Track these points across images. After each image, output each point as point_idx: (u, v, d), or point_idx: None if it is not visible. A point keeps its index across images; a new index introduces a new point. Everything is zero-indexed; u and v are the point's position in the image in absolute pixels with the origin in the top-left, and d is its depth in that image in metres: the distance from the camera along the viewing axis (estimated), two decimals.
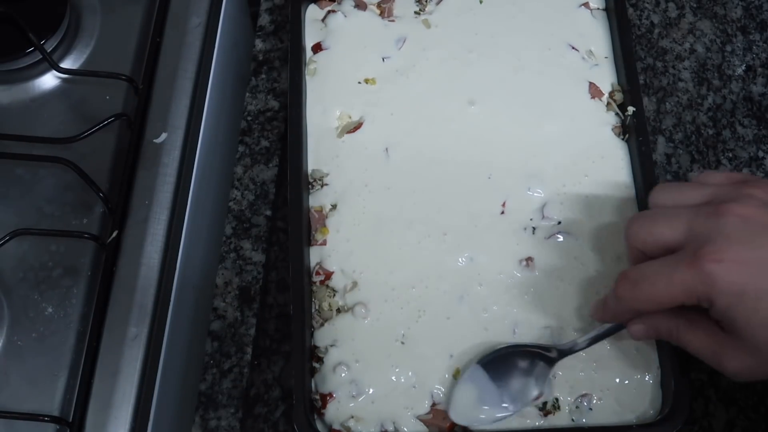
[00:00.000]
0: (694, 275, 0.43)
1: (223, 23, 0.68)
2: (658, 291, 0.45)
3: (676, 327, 0.47)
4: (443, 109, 0.61)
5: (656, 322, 0.48)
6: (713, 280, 0.43)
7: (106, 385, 0.53)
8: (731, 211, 0.44)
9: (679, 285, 0.44)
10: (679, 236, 0.45)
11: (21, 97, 0.63)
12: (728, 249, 0.43)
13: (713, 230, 0.44)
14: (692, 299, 0.44)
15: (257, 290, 0.61)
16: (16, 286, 0.57)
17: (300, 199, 0.57)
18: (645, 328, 0.49)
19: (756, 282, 0.42)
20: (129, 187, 0.58)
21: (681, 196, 0.48)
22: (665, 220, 0.47)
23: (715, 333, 0.45)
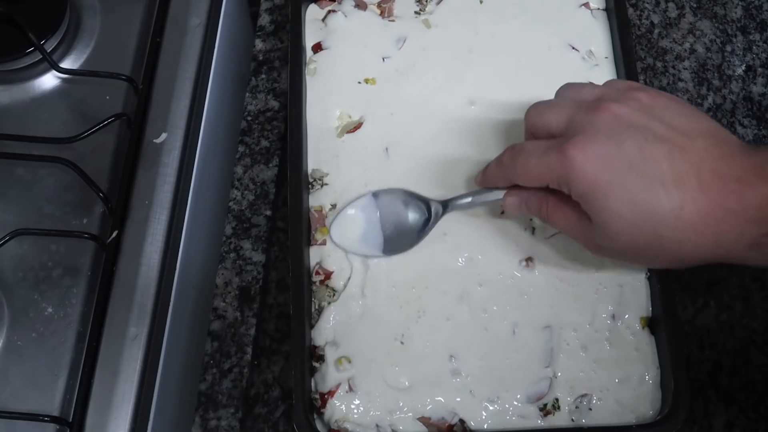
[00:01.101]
0: (558, 159, 0.47)
1: (223, 23, 0.68)
2: (530, 166, 0.49)
3: (546, 204, 0.51)
4: (443, 109, 0.61)
5: (529, 196, 0.52)
6: (572, 168, 0.46)
7: (106, 385, 0.53)
8: (607, 108, 0.48)
9: (546, 165, 0.48)
10: (561, 125, 0.49)
11: (21, 97, 0.63)
12: (592, 141, 0.46)
13: (587, 123, 0.48)
14: (554, 182, 0.48)
15: (257, 290, 0.61)
16: (16, 286, 0.57)
17: (300, 199, 0.57)
18: (518, 201, 0.53)
19: (608, 175, 0.46)
20: (129, 187, 0.58)
21: (578, 93, 0.52)
22: (555, 110, 0.51)
23: (577, 214, 0.49)
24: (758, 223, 0.44)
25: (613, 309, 0.55)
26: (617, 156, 0.46)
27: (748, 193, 0.44)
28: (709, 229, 0.45)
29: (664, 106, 0.48)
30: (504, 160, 0.52)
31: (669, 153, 0.45)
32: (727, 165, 0.45)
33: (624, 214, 0.46)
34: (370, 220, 0.56)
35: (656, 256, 0.49)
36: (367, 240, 0.56)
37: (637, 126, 0.47)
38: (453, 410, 0.53)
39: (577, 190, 0.47)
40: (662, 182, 0.45)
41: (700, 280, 0.61)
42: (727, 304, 0.61)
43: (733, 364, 0.59)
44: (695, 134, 0.46)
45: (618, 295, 0.56)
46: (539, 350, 0.54)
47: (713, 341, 0.60)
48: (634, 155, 0.46)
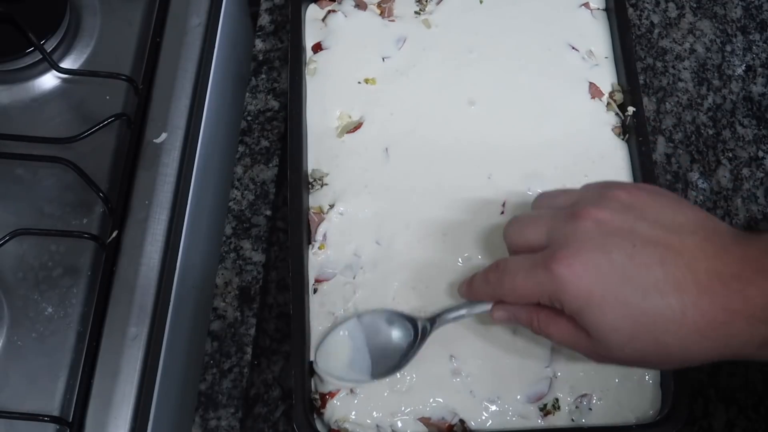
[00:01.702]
0: (547, 277, 0.44)
1: (223, 23, 0.68)
2: (517, 286, 0.47)
3: (537, 318, 0.48)
4: (443, 109, 0.61)
5: (518, 311, 0.49)
6: (563, 285, 0.44)
7: (106, 385, 0.53)
8: (587, 215, 0.45)
9: (534, 284, 0.46)
10: (542, 239, 0.47)
11: (21, 97, 0.63)
12: (579, 254, 0.44)
13: (569, 234, 0.45)
14: (545, 299, 0.46)
15: (257, 290, 0.61)
16: (16, 286, 0.57)
17: (300, 199, 0.57)
18: (507, 315, 0.50)
19: (602, 288, 0.43)
20: (129, 187, 0.58)
21: (553, 200, 0.50)
22: (532, 225, 0.48)
23: (572, 327, 0.46)
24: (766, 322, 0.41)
25: None
26: (607, 268, 0.43)
27: (750, 292, 0.41)
28: (715, 332, 0.42)
29: (646, 203, 0.45)
30: (490, 279, 0.49)
31: (661, 258, 0.43)
32: (723, 262, 0.42)
33: (623, 328, 0.43)
34: (357, 344, 0.54)
35: (663, 362, 0.46)
36: (355, 365, 0.53)
37: (622, 231, 0.44)
38: (453, 410, 0.53)
39: (570, 307, 0.44)
40: (659, 290, 0.42)
41: None
42: None
43: (733, 364, 0.59)
44: (684, 231, 0.44)
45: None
46: (539, 350, 0.54)
47: None
48: (624, 265, 0.43)
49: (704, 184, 0.65)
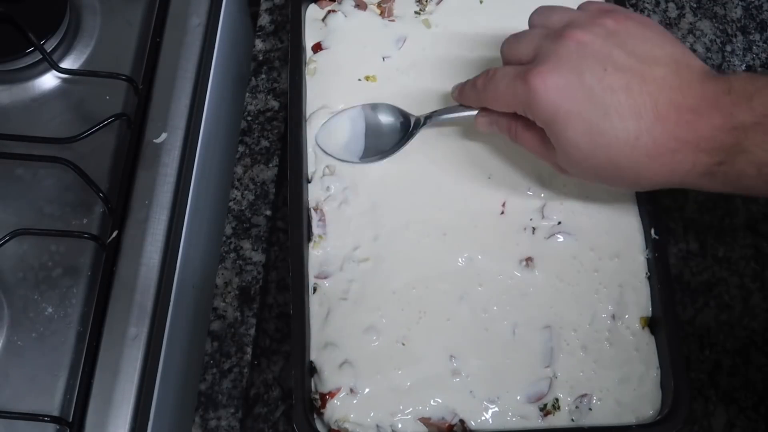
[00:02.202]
0: (522, 88, 0.48)
1: (223, 23, 0.68)
2: (498, 93, 0.51)
3: (515, 126, 0.53)
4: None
5: (499, 118, 0.54)
6: (536, 96, 0.48)
7: (106, 385, 0.53)
8: (571, 36, 0.48)
9: (512, 93, 0.50)
10: (530, 53, 0.50)
11: (21, 97, 0.63)
12: (554, 71, 0.47)
13: (552, 52, 0.48)
14: (520, 109, 0.50)
15: (257, 290, 0.61)
16: (16, 286, 0.57)
17: (300, 199, 0.57)
18: (489, 121, 0.55)
19: (568, 105, 0.47)
20: (129, 187, 0.58)
21: (548, 19, 0.52)
22: (525, 40, 0.52)
23: (541, 139, 0.51)
24: (709, 153, 0.45)
25: (613, 309, 0.55)
26: (577, 86, 0.47)
27: (700, 124, 0.45)
28: (663, 158, 0.46)
29: (629, 33, 0.48)
30: (478, 84, 0.53)
31: (627, 84, 0.46)
32: (683, 95, 0.46)
33: (581, 144, 0.47)
34: (356, 130, 0.59)
35: (614, 180, 0.50)
36: (349, 148, 0.59)
37: (598, 55, 0.47)
38: (453, 410, 0.53)
39: (539, 118, 0.49)
40: (619, 114, 0.46)
41: (700, 280, 0.61)
42: (727, 304, 0.61)
43: (733, 364, 0.59)
44: (656, 62, 0.47)
45: (618, 295, 0.56)
46: (539, 350, 0.54)
47: (713, 341, 0.60)
48: (593, 86, 0.46)
49: None
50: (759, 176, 0.45)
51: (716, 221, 0.63)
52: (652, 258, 0.56)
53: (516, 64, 0.51)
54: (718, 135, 0.45)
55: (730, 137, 0.45)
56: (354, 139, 0.59)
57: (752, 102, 0.44)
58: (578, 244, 0.57)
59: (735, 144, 0.45)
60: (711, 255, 0.62)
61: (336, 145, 0.59)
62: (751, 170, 0.45)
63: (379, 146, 0.59)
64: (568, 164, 0.50)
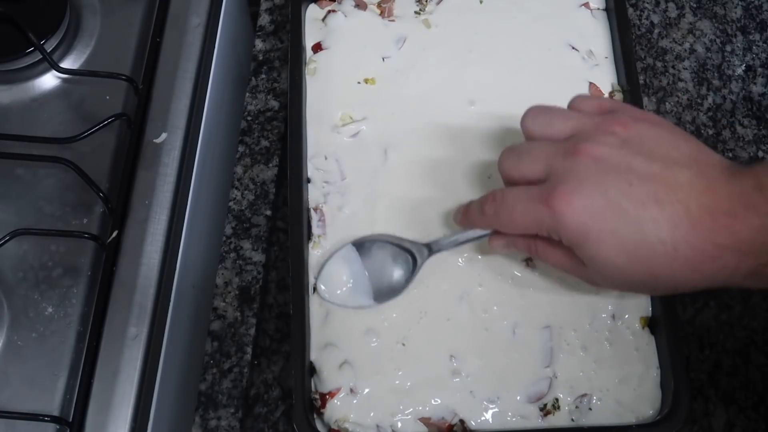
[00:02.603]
0: (546, 212, 0.46)
1: (223, 23, 0.68)
2: (515, 219, 0.49)
3: (535, 245, 0.51)
4: (443, 109, 0.61)
5: (516, 240, 0.52)
6: (562, 220, 0.46)
7: (106, 385, 0.53)
8: (586, 152, 0.46)
9: (533, 218, 0.47)
10: (540, 173, 0.48)
11: (21, 97, 0.63)
12: (577, 191, 0.46)
13: (568, 170, 0.47)
14: (543, 232, 0.48)
15: (257, 290, 0.61)
16: (16, 286, 0.57)
17: (300, 199, 0.57)
18: (506, 243, 0.52)
19: (599, 224, 0.45)
20: (129, 187, 0.58)
21: (549, 129, 0.50)
22: (528, 159, 0.49)
23: (569, 256, 0.48)
24: (752, 255, 0.44)
25: (613, 309, 0.55)
26: (605, 205, 0.45)
27: (738, 227, 0.43)
28: (704, 265, 0.45)
29: (642, 137, 0.47)
30: (486, 210, 0.51)
31: (656, 194, 0.45)
32: (713, 198, 0.44)
33: (618, 261, 0.46)
34: (355, 270, 0.55)
35: (653, 289, 0.50)
36: (357, 290, 0.55)
37: (619, 169, 0.46)
38: (453, 410, 0.53)
39: (568, 240, 0.47)
40: (653, 226, 0.44)
41: None
42: (727, 304, 0.61)
43: (733, 364, 0.59)
44: (678, 165, 0.46)
45: (618, 295, 0.56)
46: (539, 350, 0.54)
47: (713, 341, 0.60)
48: (621, 202, 0.45)
49: None
50: None
51: None
52: None
53: (523, 183, 0.49)
54: (758, 236, 0.43)
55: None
56: (358, 281, 0.55)
57: None
58: None
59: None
60: None
61: (342, 293, 0.55)
62: None
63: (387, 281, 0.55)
64: (603, 280, 0.48)
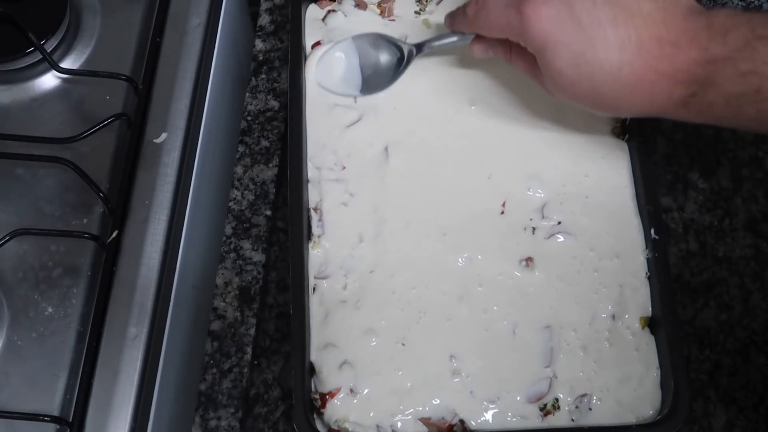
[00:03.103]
0: (516, 17, 0.50)
1: (223, 23, 0.68)
2: (491, 21, 0.53)
3: (510, 50, 0.55)
4: (443, 109, 0.61)
5: (494, 44, 0.56)
6: (527, 26, 0.50)
7: (106, 385, 0.53)
8: None
9: (505, 21, 0.52)
10: None
11: (21, 97, 0.63)
12: (546, 2, 0.49)
13: None
14: (513, 37, 0.52)
15: (257, 290, 0.61)
16: (16, 286, 0.57)
17: (300, 199, 0.57)
18: (485, 47, 0.57)
19: (558, 35, 0.49)
20: (129, 187, 0.58)
21: None
22: None
23: (534, 63, 0.53)
24: (685, 84, 0.48)
25: (613, 309, 0.55)
26: (567, 17, 0.49)
27: (678, 57, 0.47)
28: (643, 89, 0.49)
29: None
30: (468, 12, 0.55)
31: (615, 16, 0.48)
32: (666, 29, 0.48)
33: (567, 73, 0.50)
34: (350, 62, 0.61)
35: (597, 106, 0.53)
36: (348, 81, 0.61)
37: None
38: (453, 410, 0.53)
39: (531, 46, 0.51)
40: (604, 46, 0.48)
41: (700, 280, 0.61)
42: (727, 304, 0.61)
43: (733, 364, 0.59)
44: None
45: (618, 295, 0.56)
46: (539, 350, 0.54)
47: (713, 341, 0.60)
48: (582, 18, 0.48)
49: (704, 184, 0.65)
50: (726, 108, 0.48)
51: (716, 221, 0.63)
52: (652, 258, 0.56)
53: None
54: (693, 68, 0.47)
55: (703, 70, 0.47)
56: (350, 72, 0.61)
57: (727, 37, 0.46)
58: (578, 244, 0.57)
59: (707, 77, 0.47)
60: (711, 255, 0.62)
61: (334, 80, 0.61)
62: (720, 101, 0.48)
63: (377, 77, 0.61)
64: (555, 89, 0.53)
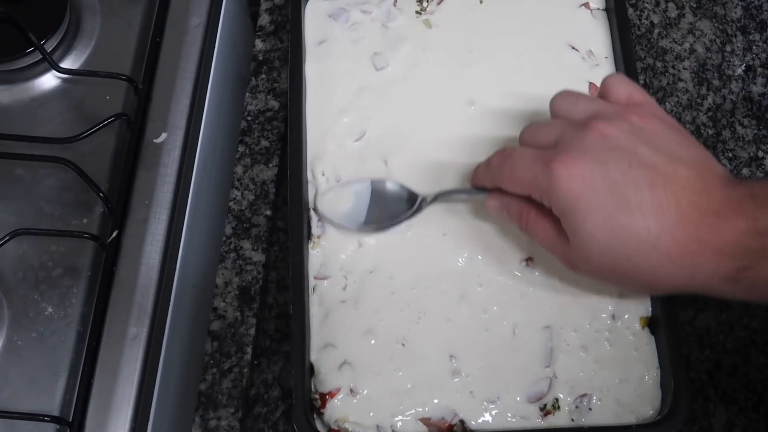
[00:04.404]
0: (544, 172, 0.47)
1: (223, 23, 0.68)
2: (516, 174, 0.50)
3: (527, 213, 0.51)
4: (443, 109, 0.61)
5: (511, 202, 0.52)
6: (556, 182, 0.46)
7: (106, 385, 0.53)
8: (596, 128, 0.47)
9: (531, 176, 0.48)
10: (551, 140, 0.49)
11: (21, 97, 0.63)
12: (578, 159, 0.46)
13: (576, 141, 0.47)
14: (537, 194, 0.49)
15: (257, 290, 0.61)
16: (16, 286, 0.57)
17: (300, 199, 0.57)
18: (500, 205, 0.53)
19: (590, 195, 0.46)
20: (129, 187, 0.58)
21: (571, 109, 0.51)
22: (545, 130, 0.51)
23: (555, 230, 0.49)
24: (734, 257, 0.44)
25: (613, 309, 0.55)
26: (600, 178, 0.46)
27: (724, 227, 0.44)
28: (684, 260, 0.45)
29: (655, 132, 0.48)
30: (493, 163, 0.52)
31: (651, 181, 0.45)
32: (707, 197, 0.45)
33: (600, 237, 0.46)
34: (360, 203, 0.57)
35: (630, 280, 0.49)
36: (351, 216, 0.57)
37: (623, 150, 0.46)
38: (453, 410, 0.53)
39: (558, 206, 0.47)
40: (641, 210, 0.45)
41: None
42: (727, 304, 0.61)
43: (733, 364, 0.59)
44: (680, 163, 0.46)
45: (618, 295, 0.56)
46: (539, 350, 0.54)
47: (713, 341, 0.60)
48: (616, 179, 0.45)
49: None
50: None
51: None
52: None
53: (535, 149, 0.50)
54: (743, 239, 0.43)
55: (755, 242, 0.43)
56: (357, 210, 0.57)
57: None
58: None
59: (760, 249, 0.43)
60: None
61: (338, 212, 0.57)
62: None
63: (382, 219, 0.57)
64: (582, 258, 0.48)
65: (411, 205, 0.57)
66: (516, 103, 0.61)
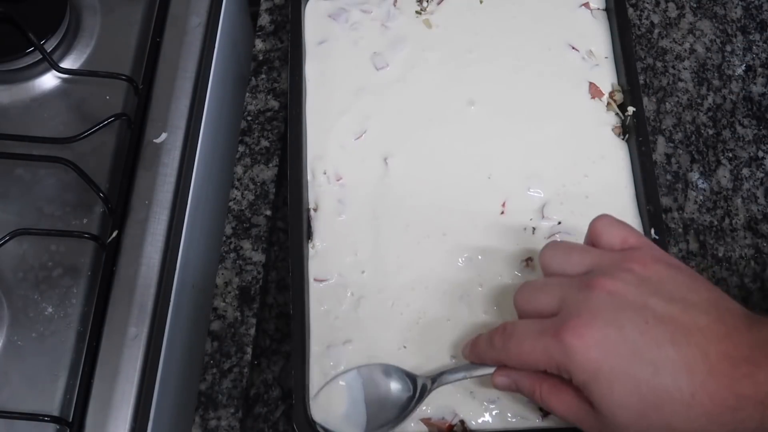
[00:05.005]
0: (556, 346, 0.44)
1: (223, 23, 0.68)
2: (524, 352, 0.46)
3: (540, 388, 0.47)
4: (443, 109, 0.61)
5: (520, 378, 0.48)
6: (572, 355, 0.43)
7: (106, 385, 0.53)
8: (601, 286, 0.44)
9: (542, 352, 0.44)
10: (554, 306, 0.46)
11: (21, 97, 0.63)
12: (590, 325, 0.43)
13: (581, 303, 0.44)
14: (553, 368, 0.45)
15: (257, 290, 0.61)
16: (16, 286, 0.57)
17: (300, 198, 0.57)
18: (509, 382, 0.48)
19: (611, 362, 0.42)
20: (129, 187, 0.58)
21: (566, 264, 0.48)
22: (544, 293, 0.47)
23: (577, 401, 0.45)
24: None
25: None
26: (619, 341, 0.43)
27: (761, 377, 0.41)
28: (724, 417, 0.41)
29: (661, 278, 0.45)
30: (495, 343, 0.48)
31: (673, 336, 0.42)
32: (733, 345, 0.42)
33: (631, 405, 0.42)
34: (354, 397, 0.52)
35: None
36: (350, 418, 0.52)
37: (636, 306, 0.43)
38: (453, 410, 0.53)
39: (578, 378, 0.43)
40: (669, 369, 0.42)
41: None
42: None
43: None
44: (696, 309, 0.43)
45: None
46: None
47: None
48: (636, 340, 0.42)
49: (704, 184, 0.65)
50: None
51: (716, 221, 0.63)
52: None
53: (535, 317, 0.47)
54: None
55: None
56: (354, 408, 0.52)
57: None
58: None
59: None
60: (711, 255, 0.62)
61: (335, 417, 0.52)
62: None
63: (384, 413, 0.52)
64: (613, 428, 0.44)
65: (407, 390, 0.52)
66: (516, 103, 0.61)
